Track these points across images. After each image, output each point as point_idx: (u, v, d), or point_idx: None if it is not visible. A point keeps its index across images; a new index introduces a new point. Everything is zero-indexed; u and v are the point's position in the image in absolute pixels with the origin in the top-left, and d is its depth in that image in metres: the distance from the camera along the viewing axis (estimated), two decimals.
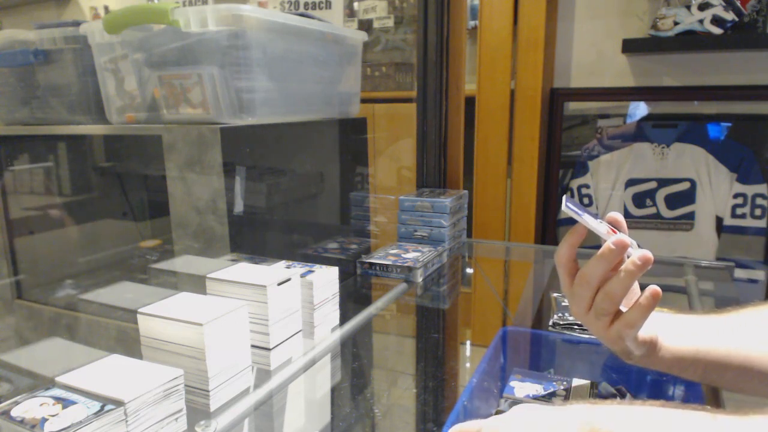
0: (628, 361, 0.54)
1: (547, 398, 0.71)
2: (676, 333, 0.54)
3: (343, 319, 0.86)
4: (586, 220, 0.51)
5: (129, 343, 0.89)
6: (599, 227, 0.51)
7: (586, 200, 1.81)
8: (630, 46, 1.61)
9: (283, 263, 0.82)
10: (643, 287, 0.53)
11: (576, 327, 0.82)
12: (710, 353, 0.53)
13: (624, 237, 0.50)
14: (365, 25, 2.26)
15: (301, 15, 0.97)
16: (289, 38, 0.91)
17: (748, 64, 1.61)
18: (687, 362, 0.53)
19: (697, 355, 0.53)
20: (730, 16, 1.48)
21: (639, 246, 0.53)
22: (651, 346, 0.52)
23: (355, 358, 0.86)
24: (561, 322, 0.83)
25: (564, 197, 0.54)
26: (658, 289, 0.49)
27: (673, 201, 1.72)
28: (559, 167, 1.84)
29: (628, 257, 0.51)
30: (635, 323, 0.50)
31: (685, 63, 1.67)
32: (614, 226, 0.54)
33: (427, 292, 1.11)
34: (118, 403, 0.50)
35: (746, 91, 1.62)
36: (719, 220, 1.68)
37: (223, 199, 0.78)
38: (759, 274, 1.64)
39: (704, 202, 1.69)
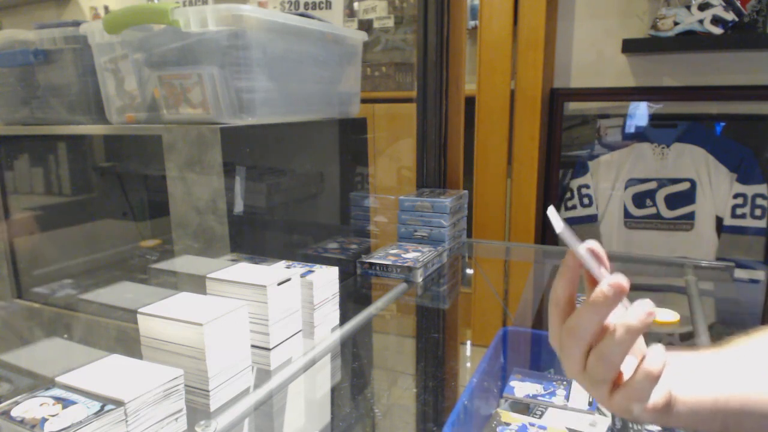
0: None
1: (548, 398, 0.71)
2: (691, 382, 0.45)
3: (343, 319, 0.86)
4: (581, 252, 0.42)
5: (129, 343, 0.89)
6: (593, 261, 0.42)
7: (586, 200, 1.81)
8: (630, 46, 1.61)
9: (283, 263, 0.82)
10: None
11: None
12: (730, 402, 0.45)
13: (623, 278, 0.40)
14: (365, 25, 2.26)
15: (301, 15, 0.97)
16: (289, 38, 0.91)
17: (748, 64, 1.61)
18: (706, 415, 0.45)
19: (716, 405, 0.45)
20: (730, 16, 1.48)
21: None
22: (665, 408, 0.43)
23: (355, 358, 0.86)
24: None
25: (550, 212, 0.44)
26: (662, 347, 0.41)
27: (673, 201, 1.72)
28: (559, 167, 1.84)
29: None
30: (642, 396, 0.41)
31: (685, 63, 1.67)
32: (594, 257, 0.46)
33: (427, 292, 1.11)
34: (118, 403, 0.50)
35: (746, 91, 1.62)
36: (719, 220, 1.68)
37: (223, 199, 0.78)
38: (759, 274, 1.64)
39: (704, 202, 1.69)
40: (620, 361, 0.41)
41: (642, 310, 0.39)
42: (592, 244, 0.44)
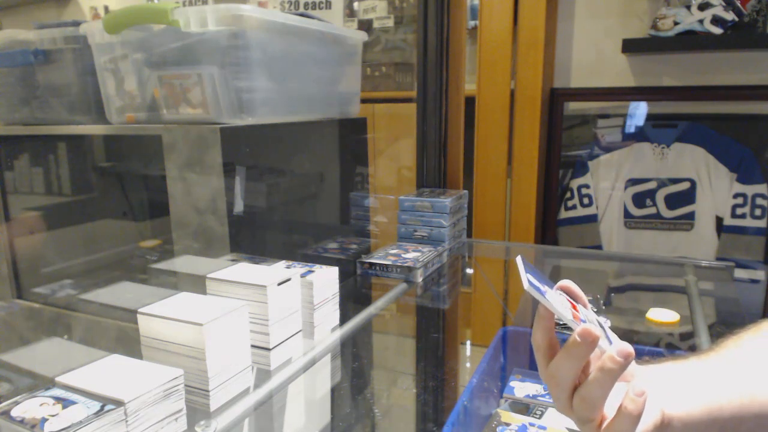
0: None
1: (548, 398, 0.71)
2: (683, 397, 0.45)
3: (343, 319, 0.86)
4: (550, 301, 0.43)
5: (129, 343, 0.89)
6: (564, 310, 0.43)
7: (586, 200, 1.81)
8: (630, 46, 1.61)
9: (283, 263, 0.82)
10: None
11: None
12: (724, 409, 0.45)
13: (591, 327, 0.41)
14: (365, 25, 2.26)
15: (301, 15, 0.97)
16: (289, 38, 0.91)
17: (748, 64, 1.61)
18: (702, 427, 0.45)
19: (711, 415, 0.45)
20: (730, 16, 1.48)
21: (601, 322, 0.46)
22: (659, 429, 0.43)
23: (355, 358, 0.86)
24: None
25: (519, 261, 0.45)
26: (643, 388, 0.41)
27: (673, 201, 1.72)
28: (559, 167, 1.84)
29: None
30: None
31: (685, 63, 1.67)
32: (568, 294, 0.47)
33: (427, 292, 1.11)
34: (118, 403, 0.50)
35: (746, 91, 1.62)
36: (719, 220, 1.68)
37: (223, 199, 0.78)
38: (759, 274, 1.64)
39: (704, 202, 1.69)
40: (602, 401, 0.42)
41: (618, 352, 0.41)
42: (565, 283, 0.46)
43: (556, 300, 0.44)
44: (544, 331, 0.46)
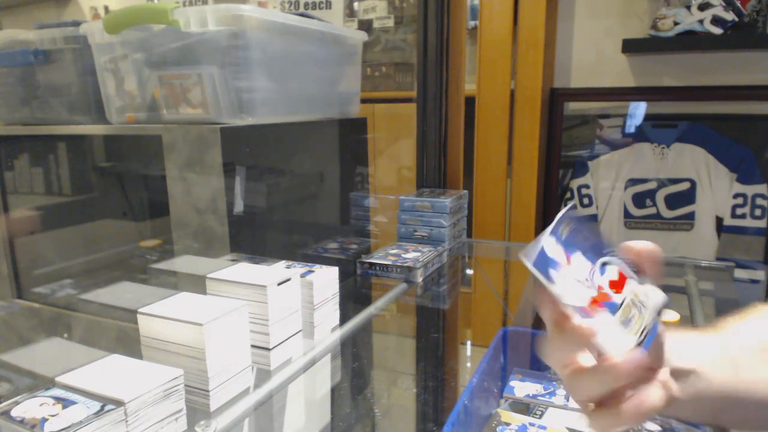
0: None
1: (548, 398, 0.71)
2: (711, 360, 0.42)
3: (343, 319, 0.86)
4: (557, 284, 0.35)
5: (129, 343, 0.89)
6: (574, 299, 0.35)
7: (586, 200, 1.81)
8: (630, 46, 1.61)
9: (283, 263, 0.82)
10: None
11: None
12: (723, 391, 0.43)
13: (591, 324, 0.35)
14: (365, 25, 2.26)
15: (301, 15, 0.97)
16: (289, 38, 0.91)
17: (748, 64, 1.61)
18: (705, 406, 0.43)
19: (708, 396, 0.42)
20: (730, 16, 1.48)
21: (642, 283, 0.38)
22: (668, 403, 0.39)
23: (355, 358, 0.86)
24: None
25: (541, 238, 0.36)
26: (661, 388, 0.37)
27: (673, 201, 1.72)
28: (559, 167, 1.84)
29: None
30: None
31: (685, 63, 1.67)
32: (629, 262, 0.39)
33: (427, 292, 1.11)
34: (118, 403, 0.50)
35: (746, 91, 1.62)
36: (719, 220, 1.68)
37: (223, 199, 0.78)
38: (759, 274, 1.64)
39: (704, 202, 1.69)
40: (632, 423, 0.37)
41: (624, 360, 0.35)
42: (631, 244, 0.37)
43: (567, 283, 0.35)
44: (549, 307, 0.38)
